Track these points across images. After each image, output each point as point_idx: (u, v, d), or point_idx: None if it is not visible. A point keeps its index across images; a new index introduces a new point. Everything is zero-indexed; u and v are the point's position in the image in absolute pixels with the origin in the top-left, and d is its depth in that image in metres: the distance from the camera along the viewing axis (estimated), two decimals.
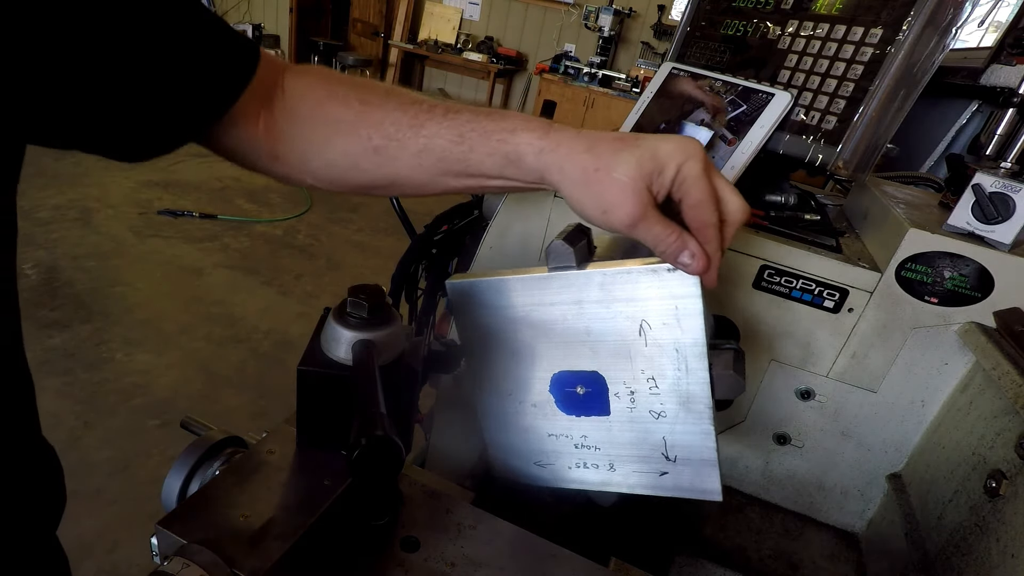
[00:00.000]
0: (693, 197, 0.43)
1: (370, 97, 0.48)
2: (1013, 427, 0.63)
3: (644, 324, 0.49)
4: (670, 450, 0.52)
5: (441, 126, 0.47)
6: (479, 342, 0.58)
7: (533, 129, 0.45)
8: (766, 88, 0.82)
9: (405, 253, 0.94)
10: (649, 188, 0.42)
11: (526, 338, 0.55)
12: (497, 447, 0.62)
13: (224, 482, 0.44)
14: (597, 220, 0.44)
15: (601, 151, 0.43)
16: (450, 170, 0.48)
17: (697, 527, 0.83)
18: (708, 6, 0.95)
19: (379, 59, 7.12)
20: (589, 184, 0.43)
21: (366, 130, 0.48)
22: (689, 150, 0.42)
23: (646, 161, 0.42)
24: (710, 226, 0.43)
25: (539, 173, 0.45)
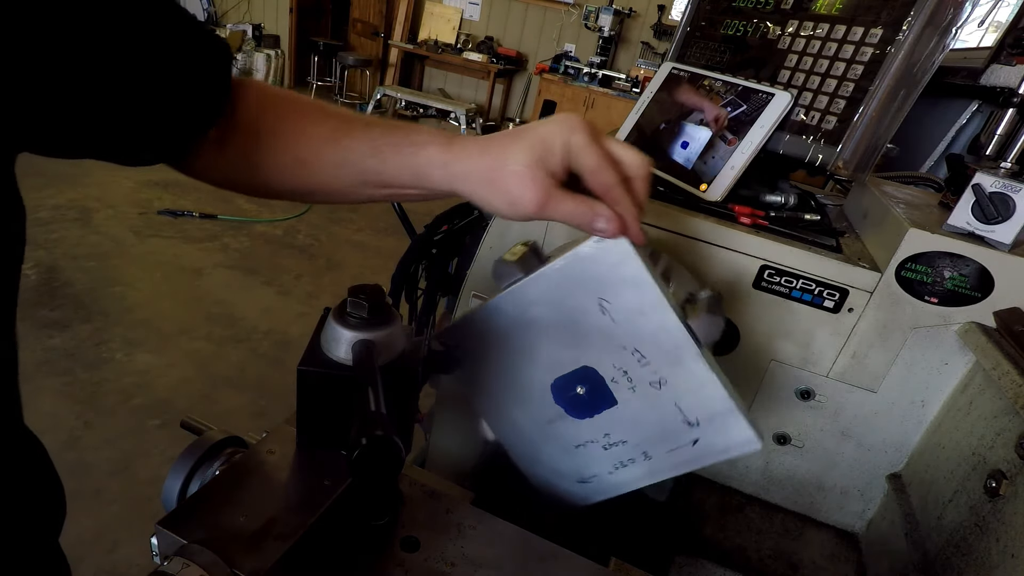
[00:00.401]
0: (587, 164, 0.45)
1: (293, 110, 0.51)
2: (1013, 427, 0.63)
3: (603, 302, 0.50)
4: (687, 414, 0.51)
5: (357, 140, 0.49)
6: (478, 383, 0.59)
7: (439, 143, 0.48)
8: (766, 88, 0.82)
9: (405, 253, 0.94)
10: (546, 170, 0.45)
11: (512, 361, 0.56)
12: (539, 479, 0.62)
13: (224, 482, 0.44)
14: (509, 213, 0.46)
15: (494, 151, 0.46)
16: (368, 181, 0.50)
17: (697, 527, 0.83)
18: (708, 6, 0.95)
19: (379, 59, 7.12)
20: (492, 183, 0.46)
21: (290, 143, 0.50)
22: (571, 124, 0.45)
23: (535, 146, 0.45)
24: (613, 186, 0.45)
25: (449, 185, 0.48)
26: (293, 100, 0.52)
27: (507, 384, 0.57)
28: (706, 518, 0.85)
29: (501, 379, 0.57)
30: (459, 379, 0.60)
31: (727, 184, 0.81)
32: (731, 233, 0.74)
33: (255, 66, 7.46)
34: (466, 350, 0.57)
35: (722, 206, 0.82)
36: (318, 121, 0.50)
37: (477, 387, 0.59)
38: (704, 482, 0.91)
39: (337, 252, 3.52)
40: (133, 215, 3.43)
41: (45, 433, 0.52)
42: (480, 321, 0.55)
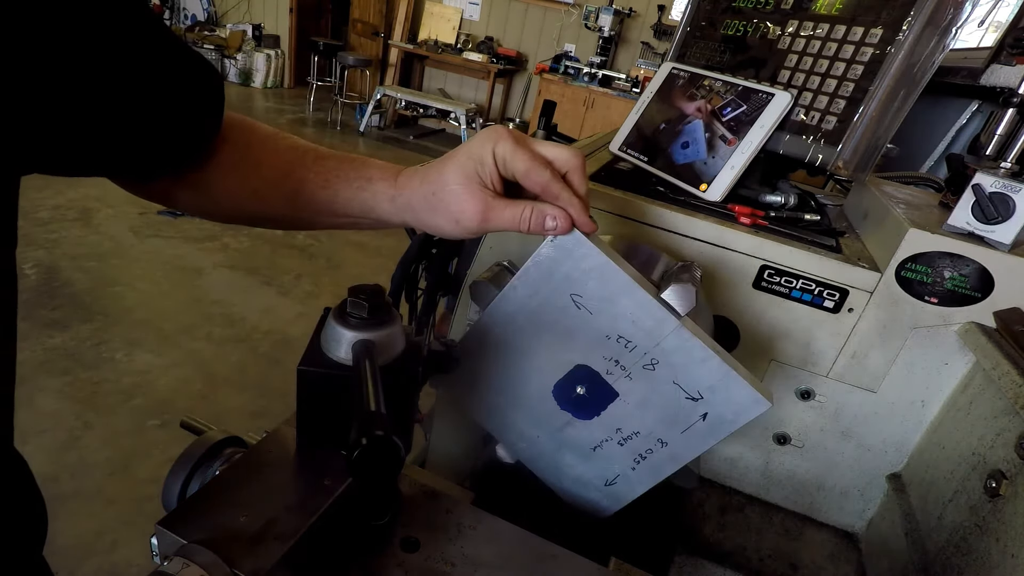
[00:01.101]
0: (519, 167, 0.46)
1: (254, 141, 0.52)
2: (1013, 427, 0.63)
3: (574, 297, 0.51)
4: (689, 389, 0.51)
5: (310, 171, 0.51)
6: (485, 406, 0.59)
7: (387, 178, 0.50)
8: (766, 88, 0.82)
9: (405, 253, 0.94)
10: (480, 183, 0.46)
11: (511, 376, 0.56)
12: (569, 494, 0.62)
13: (224, 482, 0.44)
14: (456, 232, 0.48)
15: (431, 176, 0.48)
16: (321, 211, 0.52)
17: (697, 527, 0.83)
18: (708, 6, 0.95)
19: (379, 59, 7.12)
20: (435, 208, 0.47)
21: (248, 173, 0.51)
22: (495, 134, 0.46)
23: (466, 163, 0.46)
24: (549, 182, 0.46)
25: (399, 216, 0.50)
26: (251, 131, 0.53)
27: (512, 401, 0.58)
28: (706, 518, 0.85)
29: (505, 397, 0.58)
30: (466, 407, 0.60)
31: (727, 184, 0.81)
32: (731, 233, 0.74)
33: (255, 66, 7.47)
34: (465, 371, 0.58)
35: (722, 206, 0.82)
36: (274, 153, 0.52)
37: (486, 410, 0.60)
38: (704, 482, 0.91)
39: (337, 252, 3.52)
40: (133, 215, 3.43)
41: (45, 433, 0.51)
42: (471, 343, 0.56)
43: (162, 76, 0.41)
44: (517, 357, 0.55)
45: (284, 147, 0.52)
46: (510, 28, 6.77)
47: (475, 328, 0.56)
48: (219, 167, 0.51)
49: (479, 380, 0.58)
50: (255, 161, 0.52)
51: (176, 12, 7.61)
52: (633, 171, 0.94)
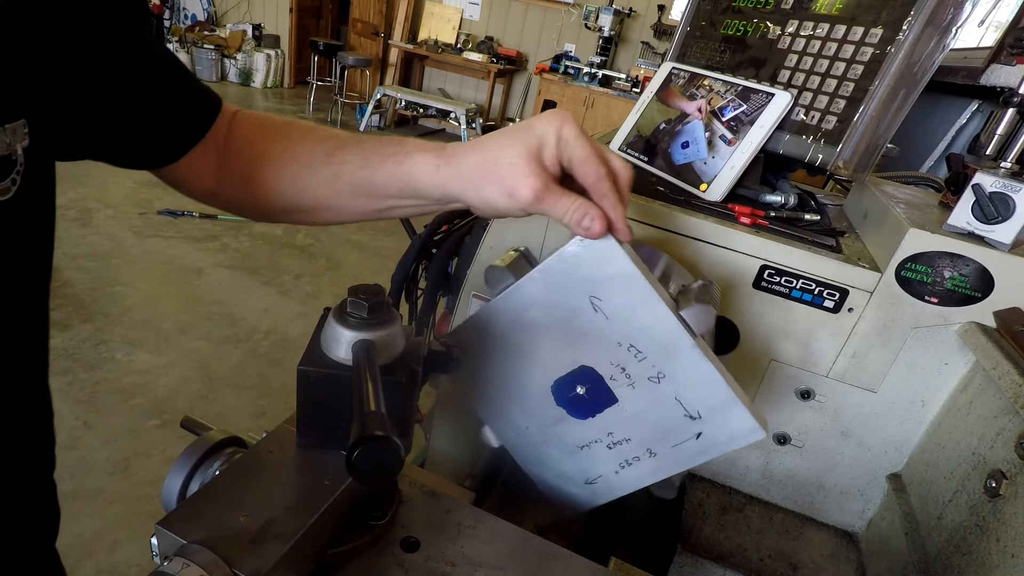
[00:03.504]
0: (579, 154, 0.46)
1: (292, 133, 0.54)
2: (1013, 427, 0.63)
3: (593, 300, 0.50)
4: (688, 407, 0.51)
5: (350, 153, 0.52)
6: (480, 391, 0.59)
7: (430, 150, 0.49)
8: (766, 88, 0.82)
9: (405, 253, 0.94)
10: (541, 163, 0.46)
11: (512, 365, 0.56)
12: (548, 484, 0.61)
13: (224, 482, 0.44)
14: (506, 206, 0.47)
15: (486, 146, 0.47)
16: (360, 193, 0.52)
17: (697, 527, 0.83)
18: (708, 6, 0.95)
19: (379, 59, 7.12)
20: (487, 177, 0.46)
21: (285, 162, 0.53)
22: (562, 117, 0.46)
23: (528, 139, 0.45)
24: (602, 178, 0.46)
25: (441, 190, 0.49)
26: (287, 125, 0.56)
27: (508, 388, 0.57)
28: (706, 518, 0.85)
29: (502, 384, 0.57)
30: (460, 386, 0.60)
31: (727, 184, 0.81)
32: (731, 233, 0.74)
33: (255, 66, 7.47)
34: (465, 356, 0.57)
35: (722, 206, 0.82)
36: (312, 141, 0.54)
37: (479, 393, 0.60)
38: (704, 482, 0.91)
39: (337, 252, 3.52)
40: (133, 215, 3.43)
41: None
42: (476, 327, 0.56)
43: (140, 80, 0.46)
44: (523, 348, 0.55)
45: (324, 135, 0.54)
46: (510, 28, 6.77)
47: (483, 312, 0.55)
48: (257, 159, 0.53)
49: (479, 363, 0.57)
50: (293, 150, 0.53)
51: (176, 12, 7.61)
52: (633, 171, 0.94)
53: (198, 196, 0.57)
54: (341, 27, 8.05)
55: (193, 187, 0.56)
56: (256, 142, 0.54)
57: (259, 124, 0.56)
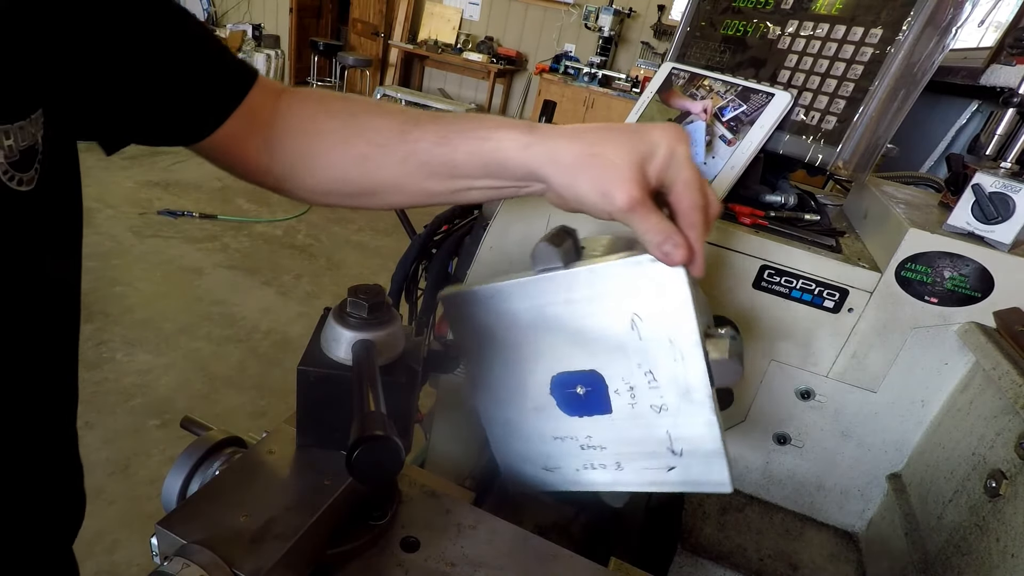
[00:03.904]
0: (684, 177, 0.43)
1: (358, 110, 0.51)
2: (1013, 427, 0.63)
3: (635, 317, 0.49)
4: (675, 443, 0.51)
5: (425, 131, 0.48)
6: (477, 351, 0.58)
7: (517, 127, 0.46)
8: (766, 88, 0.82)
9: (405, 253, 0.94)
10: (644, 172, 0.43)
11: (522, 343, 0.55)
12: (504, 455, 0.61)
13: (224, 482, 0.44)
14: (595, 204, 0.44)
15: (591, 138, 0.44)
16: (435, 173, 0.49)
17: (697, 527, 0.83)
18: (708, 6, 0.95)
19: (379, 59, 7.12)
20: (585, 168, 0.43)
21: (354, 140, 0.50)
22: (677, 134, 0.43)
23: (639, 144, 0.42)
24: (698, 208, 0.43)
25: (526, 168, 0.45)
26: (350, 100, 0.52)
27: (507, 363, 0.56)
28: (706, 518, 0.85)
29: (503, 356, 0.56)
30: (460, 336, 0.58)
31: (727, 184, 0.81)
32: (731, 233, 0.74)
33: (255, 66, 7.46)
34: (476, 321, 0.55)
35: (722, 206, 0.82)
36: (382, 117, 0.50)
37: (477, 359, 0.58)
38: None
39: (337, 252, 3.52)
40: (133, 215, 3.43)
41: None
42: (501, 296, 0.54)
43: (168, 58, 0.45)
44: (539, 332, 0.54)
45: (392, 110, 0.51)
46: (510, 28, 6.77)
47: (518, 283, 0.52)
48: (319, 136, 0.51)
49: (488, 329, 0.56)
50: (361, 127, 0.50)
51: None
52: None
53: (250, 176, 0.54)
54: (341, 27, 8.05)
55: (240, 166, 0.53)
56: (317, 119, 0.51)
57: (318, 100, 0.53)
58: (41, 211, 0.38)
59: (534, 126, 0.46)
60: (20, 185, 0.35)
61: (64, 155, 0.41)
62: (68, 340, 0.47)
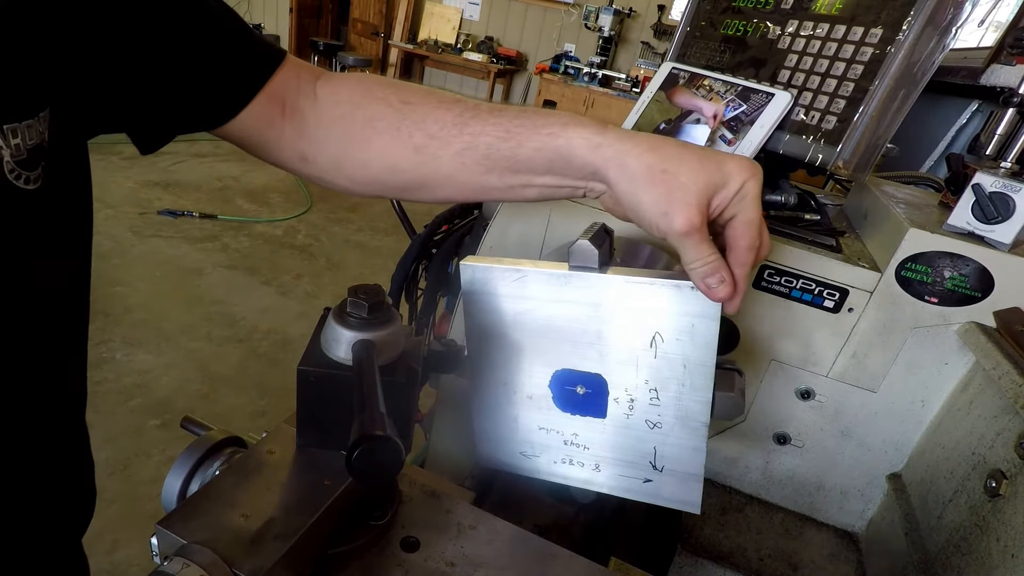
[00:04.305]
0: (748, 215, 0.42)
1: (411, 97, 0.48)
2: (1013, 427, 0.63)
3: (657, 336, 0.49)
4: (658, 460, 0.53)
5: (487, 123, 0.46)
6: (485, 329, 0.57)
7: (587, 125, 0.45)
8: (766, 88, 0.82)
9: (405, 253, 0.94)
10: (710, 200, 0.41)
11: (534, 331, 0.54)
12: (484, 434, 0.61)
13: (224, 482, 0.44)
14: (652, 221, 0.42)
15: (667, 153, 0.42)
16: (495, 167, 0.47)
17: (697, 527, 0.83)
18: (708, 6, 0.95)
19: (379, 59, 7.12)
20: (654, 183, 0.42)
21: (407, 128, 0.48)
22: (754, 169, 0.42)
23: (713, 172, 0.41)
24: (751, 248, 0.42)
25: (593, 168, 0.44)
26: (401, 86, 0.50)
27: (514, 346, 0.56)
28: (706, 518, 0.85)
29: (512, 339, 0.56)
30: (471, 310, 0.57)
31: None
32: None
33: None
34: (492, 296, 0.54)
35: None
36: (439, 106, 0.48)
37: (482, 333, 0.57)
38: (704, 482, 0.90)
39: (337, 252, 3.52)
40: (133, 215, 3.43)
41: None
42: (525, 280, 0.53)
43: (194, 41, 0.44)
44: (555, 324, 0.53)
45: (449, 99, 0.48)
46: (510, 28, 6.77)
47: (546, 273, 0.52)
48: (368, 125, 0.49)
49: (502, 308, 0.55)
50: (416, 116, 0.48)
51: None
52: None
53: (287, 165, 0.52)
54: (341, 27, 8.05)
55: (276, 153, 0.51)
56: (365, 105, 0.49)
57: (364, 85, 0.50)
58: (48, 210, 0.38)
59: (606, 126, 0.45)
60: (27, 184, 0.36)
61: (72, 154, 0.41)
62: (76, 337, 0.47)
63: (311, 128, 0.50)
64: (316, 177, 0.52)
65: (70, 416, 0.49)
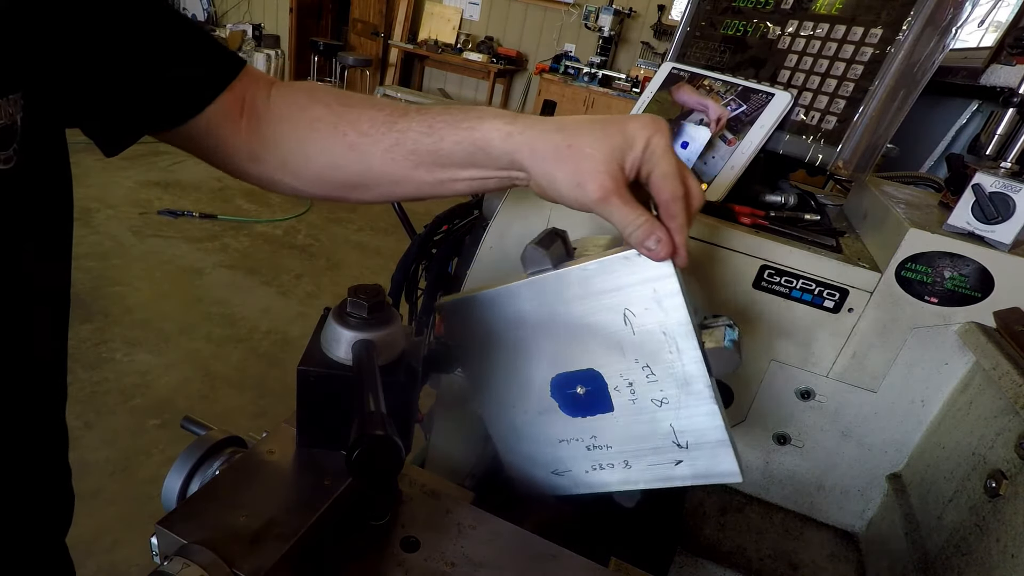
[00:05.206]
0: (662, 168, 0.43)
1: (349, 101, 0.52)
2: (1013, 427, 0.63)
3: (627, 312, 0.49)
4: (680, 436, 0.51)
5: (412, 120, 0.49)
6: (477, 358, 0.58)
7: (501, 116, 0.47)
8: (766, 88, 0.82)
9: (405, 253, 0.94)
10: (621, 164, 0.43)
11: (519, 347, 0.55)
12: (513, 462, 0.61)
13: (224, 482, 0.44)
14: (570, 195, 0.44)
15: (571, 129, 0.44)
16: (422, 162, 0.49)
17: (697, 527, 0.83)
18: (708, 6, 0.95)
19: (379, 59, 7.11)
20: (561, 159, 0.44)
21: (343, 127, 0.51)
22: (656, 125, 0.44)
23: (616, 136, 0.43)
24: (678, 198, 0.44)
25: (509, 157, 0.46)
26: (342, 92, 0.53)
27: (507, 368, 0.57)
28: (706, 518, 0.85)
29: (503, 362, 0.57)
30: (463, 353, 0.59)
31: (727, 184, 0.81)
32: (731, 233, 0.74)
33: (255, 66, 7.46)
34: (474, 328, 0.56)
35: (722, 206, 0.82)
36: (372, 108, 0.51)
37: (478, 365, 0.59)
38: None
39: (337, 252, 3.52)
40: (133, 215, 3.43)
41: None
42: (496, 302, 0.54)
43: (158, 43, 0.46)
44: (535, 335, 0.54)
45: (382, 103, 0.52)
46: (510, 28, 6.77)
47: (511, 288, 0.53)
48: (309, 125, 0.52)
49: (486, 336, 0.56)
50: (350, 115, 0.51)
51: None
52: None
53: (237, 165, 0.54)
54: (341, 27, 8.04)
55: (229, 152, 0.53)
56: (309, 108, 0.52)
57: (310, 91, 0.54)
58: (19, 192, 0.39)
59: (517, 116, 0.47)
60: None
61: (49, 144, 0.41)
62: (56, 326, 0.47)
63: (263, 127, 0.53)
64: (266, 177, 0.55)
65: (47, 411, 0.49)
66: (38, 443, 0.49)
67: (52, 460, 0.52)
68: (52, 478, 0.52)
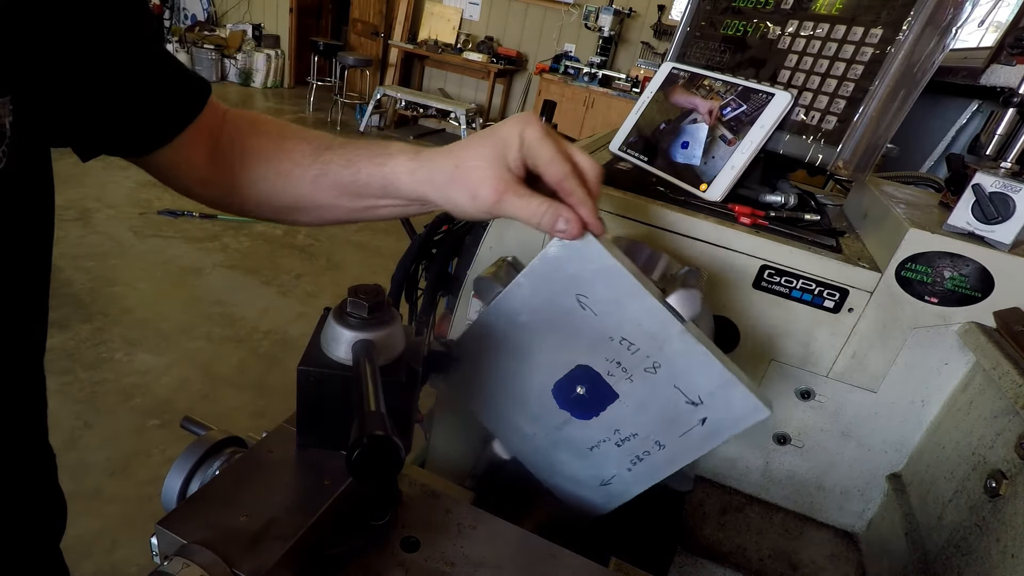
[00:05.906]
0: (543, 155, 0.46)
1: (286, 132, 0.57)
2: (1013, 427, 0.63)
3: (580, 298, 0.51)
4: (689, 393, 0.51)
5: (335, 153, 0.54)
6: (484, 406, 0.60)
7: (407, 153, 0.51)
8: (766, 88, 0.82)
9: (405, 253, 0.94)
10: (506, 166, 0.47)
11: (512, 373, 0.56)
12: (563, 491, 0.61)
13: (224, 482, 0.44)
14: (470, 208, 0.48)
15: (456, 152, 0.49)
16: (344, 192, 0.54)
17: (697, 527, 0.83)
18: (708, 6, 0.95)
19: (379, 59, 7.12)
20: (454, 181, 0.48)
21: (280, 157, 0.55)
22: (524, 120, 0.47)
23: (493, 143, 0.47)
24: (568, 176, 0.47)
25: (416, 190, 0.51)
26: (279, 124, 0.58)
27: (510, 397, 0.58)
28: (706, 518, 0.85)
29: (504, 392, 0.58)
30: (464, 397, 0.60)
31: (727, 184, 0.81)
32: (731, 233, 0.74)
33: (255, 66, 7.46)
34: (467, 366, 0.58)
35: (722, 206, 0.82)
36: (302, 140, 0.56)
37: (483, 405, 0.60)
38: (704, 482, 0.91)
39: (337, 252, 3.52)
40: (133, 215, 3.43)
41: None
42: (473, 337, 0.56)
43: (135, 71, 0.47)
44: (519, 354, 0.55)
45: (312, 136, 0.56)
46: (510, 28, 6.77)
47: (477, 323, 0.56)
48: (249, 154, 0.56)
49: (479, 375, 0.58)
50: (283, 146, 0.55)
51: (176, 12, 7.61)
52: (633, 171, 0.94)
53: (191, 186, 0.57)
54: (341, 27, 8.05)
55: (187, 175, 0.56)
56: (249, 138, 0.56)
57: (252, 122, 0.58)
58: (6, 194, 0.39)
59: (420, 152, 0.51)
60: None
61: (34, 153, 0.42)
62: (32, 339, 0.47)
63: (216, 155, 0.56)
64: (216, 199, 0.59)
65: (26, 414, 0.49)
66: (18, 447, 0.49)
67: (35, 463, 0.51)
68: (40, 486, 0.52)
